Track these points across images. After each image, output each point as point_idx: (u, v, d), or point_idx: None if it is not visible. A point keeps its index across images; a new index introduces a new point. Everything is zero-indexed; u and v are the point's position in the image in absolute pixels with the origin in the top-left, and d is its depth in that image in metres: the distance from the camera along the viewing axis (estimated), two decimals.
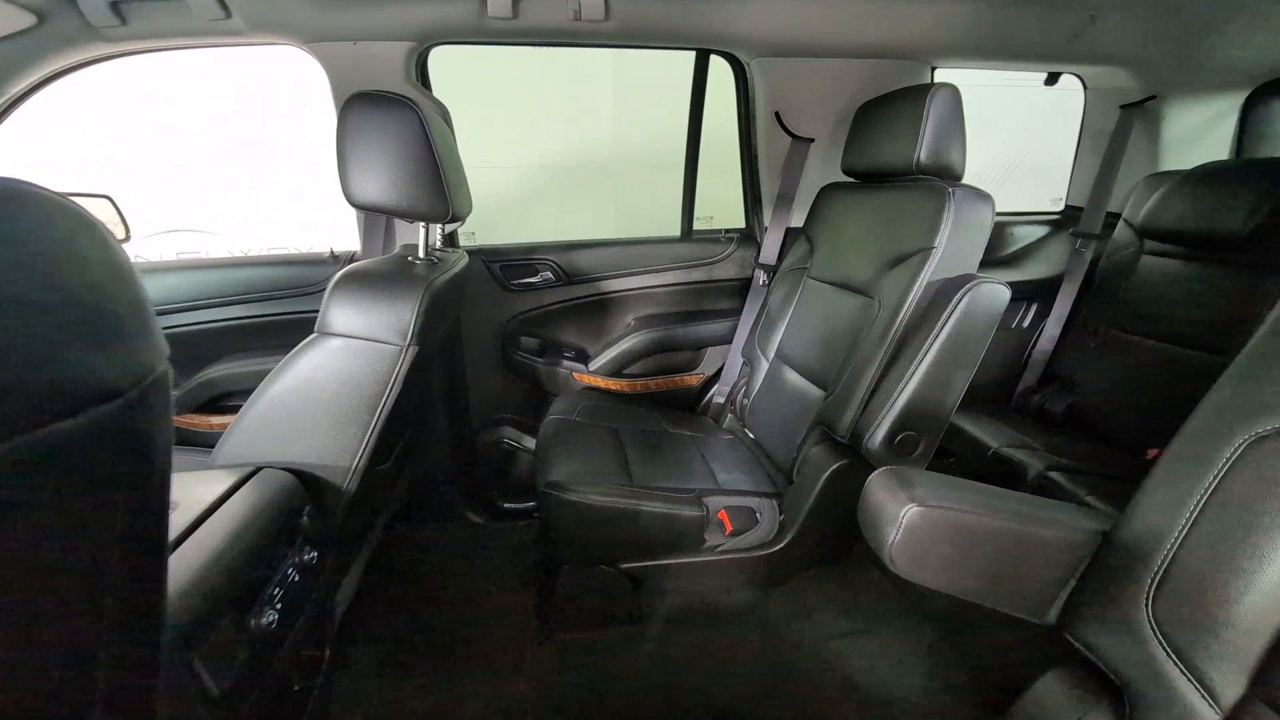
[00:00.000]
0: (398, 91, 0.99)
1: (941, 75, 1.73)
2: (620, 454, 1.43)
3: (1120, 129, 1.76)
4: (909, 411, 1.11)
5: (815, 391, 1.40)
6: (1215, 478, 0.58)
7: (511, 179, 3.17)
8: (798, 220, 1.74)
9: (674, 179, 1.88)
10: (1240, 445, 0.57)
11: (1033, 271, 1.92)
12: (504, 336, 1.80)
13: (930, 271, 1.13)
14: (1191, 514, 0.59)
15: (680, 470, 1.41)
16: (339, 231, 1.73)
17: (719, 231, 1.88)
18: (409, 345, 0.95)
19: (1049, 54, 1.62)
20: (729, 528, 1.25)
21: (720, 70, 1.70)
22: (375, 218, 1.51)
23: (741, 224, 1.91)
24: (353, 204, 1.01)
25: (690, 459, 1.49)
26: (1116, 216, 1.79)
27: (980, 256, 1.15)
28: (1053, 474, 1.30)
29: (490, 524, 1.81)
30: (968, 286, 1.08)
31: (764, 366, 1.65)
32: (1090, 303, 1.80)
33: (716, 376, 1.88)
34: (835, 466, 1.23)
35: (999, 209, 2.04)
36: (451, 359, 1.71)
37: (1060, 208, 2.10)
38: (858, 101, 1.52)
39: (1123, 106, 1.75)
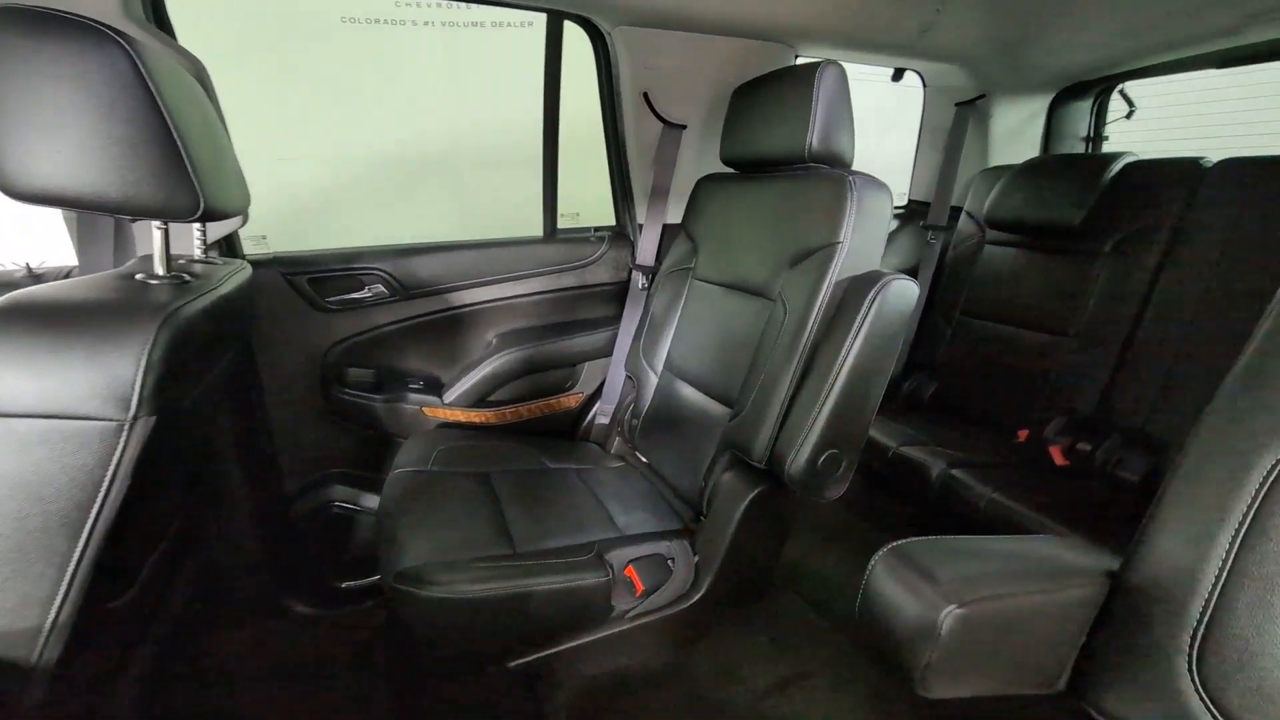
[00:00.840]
0: (97, 19, 0.61)
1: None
2: (495, 510, 1.14)
3: (957, 125, 1.86)
4: (831, 428, 0.98)
5: (718, 409, 1.24)
6: (1250, 508, 0.49)
7: (326, 173, 2.59)
8: (675, 215, 1.57)
9: (530, 173, 1.60)
10: (1274, 469, 0.48)
11: (889, 264, 1.97)
12: (322, 370, 1.39)
13: (837, 270, 1.01)
14: (1230, 553, 0.49)
15: (572, 519, 1.16)
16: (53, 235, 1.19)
17: (587, 230, 1.65)
18: (135, 418, 0.59)
19: (899, 48, 1.63)
20: (640, 587, 1.03)
21: (580, 44, 1.46)
22: (95, 216, 1.03)
23: (612, 221, 1.70)
24: (13, 194, 0.61)
25: (581, 501, 1.24)
26: (958, 209, 1.90)
27: (882, 249, 1.06)
28: (956, 472, 1.28)
29: (325, 613, 1.39)
30: (880, 285, 0.97)
31: (652, 381, 1.46)
32: (943, 291, 1.88)
33: (598, 394, 1.65)
34: (753, 495, 1.07)
35: None
36: (246, 408, 1.26)
37: (904, 202, 2.21)
38: (730, 85, 1.38)
39: (957, 104, 1.85)
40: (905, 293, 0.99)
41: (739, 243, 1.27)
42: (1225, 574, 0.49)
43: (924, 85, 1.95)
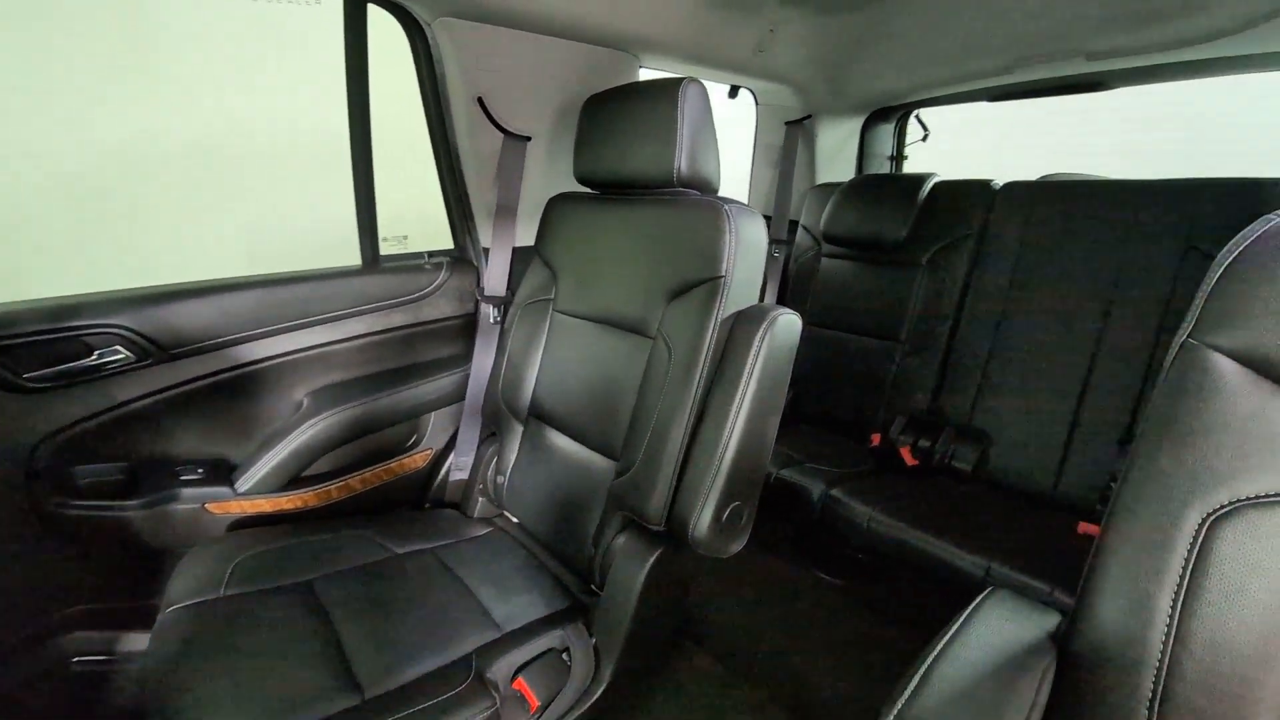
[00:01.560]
0: None
1: (645, 75, 1.61)
2: (327, 639, 0.87)
3: (788, 143, 1.94)
4: (733, 480, 0.90)
5: (600, 462, 1.09)
6: (1185, 570, 0.48)
7: (36, 183, 1.85)
8: (526, 238, 1.39)
9: (337, 186, 1.29)
10: (1202, 527, 0.48)
11: None
12: (29, 476, 0.96)
13: (722, 306, 0.93)
14: (1172, 619, 0.48)
15: (438, 627, 0.93)
16: None
17: (420, 256, 1.39)
18: None
19: (735, 66, 1.64)
20: (534, 703, 0.85)
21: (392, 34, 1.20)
22: None
23: (450, 244, 1.46)
24: None
25: (445, 595, 1.01)
26: (795, 222, 1.99)
27: (761, 281, 1.01)
28: (835, 492, 1.30)
29: None
30: (768, 321, 0.91)
31: (517, 430, 1.27)
32: (789, 302, 1.96)
33: (451, 447, 1.41)
34: (653, 560, 0.95)
35: None
36: None
37: None
38: (577, 94, 1.24)
39: (787, 123, 1.93)
40: (792, 327, 0.94)
41: (606, 272, 1.14)
42: (1171, 641, 0.48)
43: (756, 103, 2.01)
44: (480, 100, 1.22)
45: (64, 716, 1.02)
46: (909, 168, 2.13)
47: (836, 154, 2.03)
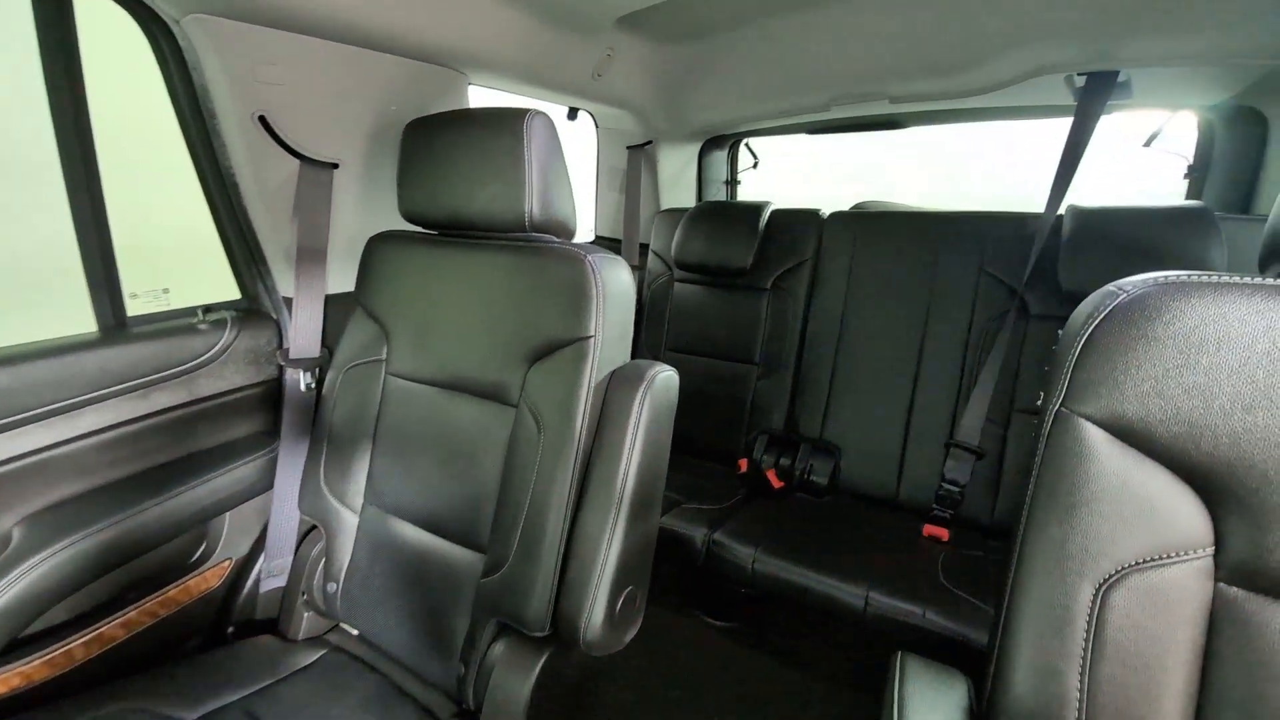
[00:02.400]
0: None
1: (476, 94, 1.44)
2: None
3: (632, 167, 1.90)
4: (624, 567, 0.80)
5: (464, 556, 0.92)
6: (1088, 639, 0.49)
7: None
8: (341, 284, 1.15)
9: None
10: (1096, 597, 0.50)
11: None
12: None
13: (594, 368, 0.83)
14: (1083, 689, 0.49)
15: None
16: None
17: (190, 312, 1.08)
18: None
19: (573, 88, 1.55)
20: None
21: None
22: None
23: (235, 294, 1.15)
24: None
25: None
26: (645, 246, 1.97)
27: (631, 335, 0.92)
28: (718, 536, 1.27)
29: None
30: (646, 380, 0.83)
31: (350, 523, 1.04)
32: (646, 329, 1.93)
33: (258, 552, 1.11)
34: (540, 667, 0.81)
35: None
36: None
37: (592, 238, 2.20)
38: (396, 115, 1.05)
39: (629, 147, 1.90)
40: (670, 384, 0.87)
41: (450, 327, 0.97)
42: (1084, 707, 0.49)
43: (597, 126, 1.95)
44: (262, 118, 0.97)
45: None
46: (743, 191, 2.23)
47: (678, 178, 2.05)
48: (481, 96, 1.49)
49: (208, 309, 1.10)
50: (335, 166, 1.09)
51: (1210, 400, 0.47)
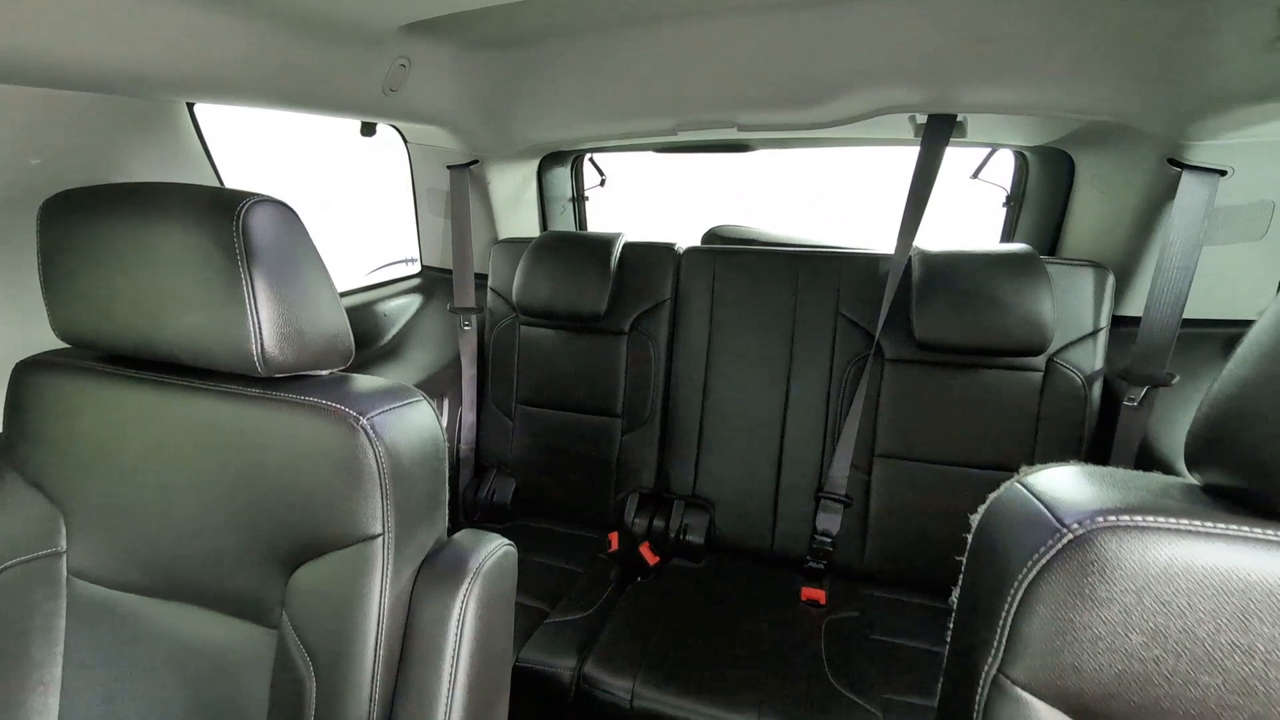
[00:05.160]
0: None
1: (210, 110, 1.05)
2: None
3: (456, 189, 1.59)
4: None
5: None
6: None
7: None
8: None
9: None
10: (982, 693, 0.41)
11: (428, 359, 1.61)
12: None
13: (390, 574, 0.58)
14: None
15: None
16: None
17: None
18: None
19: (361, 106, 1.20)
20: None
21: None
22: None
23: None
24: None
25: None
26: (483, 277, 1.68)
27: (445, 503, 0.68)
28: (587, 669, 1.08)
29: None
30: (471, 574, 0.60)
31: None
32: (492, 380, 1.66)
33: None
34: None
35: (355, 276, 1.62)
36: None
37: (417, 269, 1.85)
38: (37, 162, 0.69)
39: (451, 167, 1.58)
40: (506, 564, 0.66)
41: (164, 505, 0.65)
42: None
43: (405, 141, 1.60)
44: None
45: None
46: (591, 210, 2.02)
47: (517, 199, 1.77)
48: (232, 116, 1.10)
49: None
50: None
51: (1160, 665, 0.37)
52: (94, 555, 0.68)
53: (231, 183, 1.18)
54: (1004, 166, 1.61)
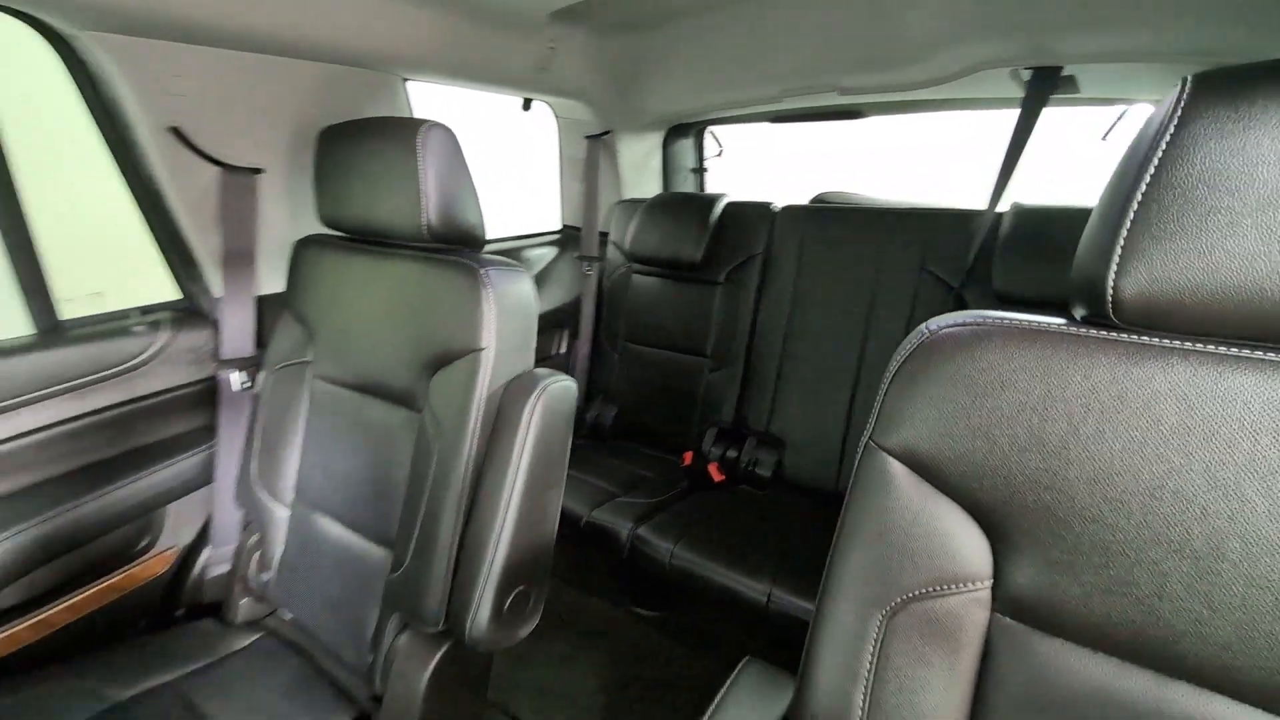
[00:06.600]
0: None
1: (415, 89, 1.44)
2: None
3: (590, 157, 1.89)
4: (511, 569, 0.84)
5: (375, 553, 0.97)
6: (871, 664, 0.52)
7: None
8: (272, 284, 1.18)
9: None
10: (882, 624, 0.52)
11: (555, 297, 1.94)
12: None
13: (487, 379, 0.86)
14: (866, 696, 0.52)
15: None
16: None
17: (126, 314, 1.12)
18: None
19: (521, 81, 1.54)
20: None
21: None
22: None
23: (170, 295, 1.19)
24: None
25: None
26: (607, 234, 1.97)
27: (534, 343, 0.94)
28: (641, 531, 1.31)
29: None
30: (539, 390, 0.85)
31: (281, 517, 1.09)
32: (605, 319, 1.95)
33: (203, 540, 1.18)
34: (436, 662, 0.87)
35: (511, 232, 2.00)
36: None
37: (559, 227, 2.20)
38: (315, 118, 1.07)
39: (588, 137, 1.88)
40: (567, 394, 0.90)
41: (364, 333, 1.00)
42: (868, 707, 0.52)
43: (556, 116, 1.93)
44: (176, 130, 0.99)
45: None
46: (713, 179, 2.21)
47: (642, 167, 2.03)
48: (430, 92, 1.49)
49: (145, 310, 1.14)
50: (259, 172, 1.11)
51: (992, 442, 0.49)
52: (326, 364, 1.06)
53: None
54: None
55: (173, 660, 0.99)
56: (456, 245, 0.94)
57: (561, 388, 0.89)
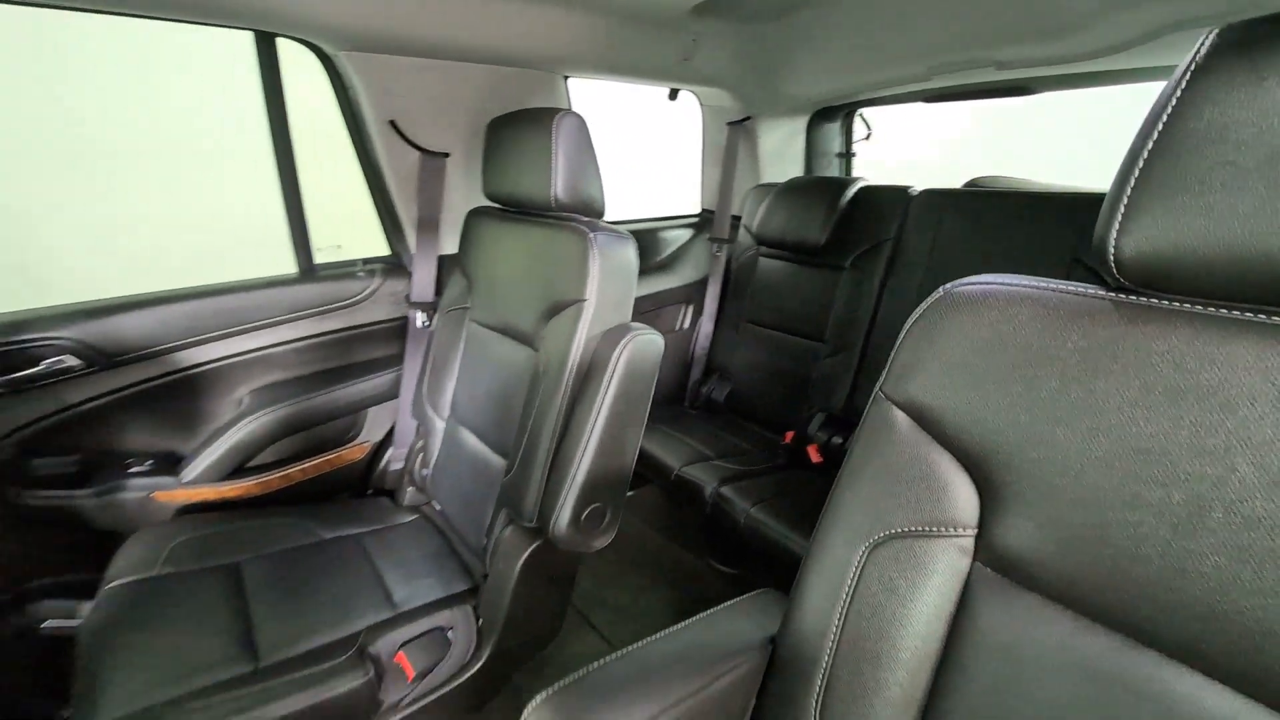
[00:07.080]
0: None
1: (575, 85, 1.66)
2: (239, 614, 1.01)
3: (730, 143, 1.98)
4: (590, 484, 1.00)
5: (496, 461, 1.20)
6: (852, 583, 0.58)
7: None
8: (450, 246, 1.49)
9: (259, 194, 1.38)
10: (864, 555, 0.57)
11: (685, 275, 2.07)
12: None
13: (586, 325, 1.02)
14: (839, 625, 0.58)
15: (338, 606, 1.06)
16: None
17: (354, 264, 1.50)
18: None
19: (666, 72, 1.68)
20: (411, 673, 0.98)
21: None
22: None
23: (383, 251, 1.56)
24: None
25: (355, 579, 1.15)
26: (740, 219, 2.05)
27: (632, 301, 1.09)
28: (724, 489, 1.40)
29: None
30: (624, 341, 1.00)
31: (439, 428, 1.39)
32: (730, 300, 2.03)
33: (389, 440, 1.54)
34: (528, 553, 1.06)
35: (652, 215, 2.17)
36: None
37: (698, 210, 2.32)
38: (489, 111, 1.31)
39: (729, 123, 1.97)
40: (651, 346, 1.03)
41: (505, 285, 1.23)
42: (836, 644, 0.58)
43: (700, 105, 2.05)
44: (393, 123, 1.31)
45: (37, 674, 1.19)
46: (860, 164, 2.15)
47: (782, 152, 2.06)
48: (586, 86, 1.71)
49: (366, 262, 1.52)
50: (447, 156, 1.40)
51: (987, 397, 0.52)
52: (479, 310, 1.32)
53: None
54: None
55: (360, 520, 1.33)
56: (578, 214, 1.12)
57: (646, 340, 1.02)
